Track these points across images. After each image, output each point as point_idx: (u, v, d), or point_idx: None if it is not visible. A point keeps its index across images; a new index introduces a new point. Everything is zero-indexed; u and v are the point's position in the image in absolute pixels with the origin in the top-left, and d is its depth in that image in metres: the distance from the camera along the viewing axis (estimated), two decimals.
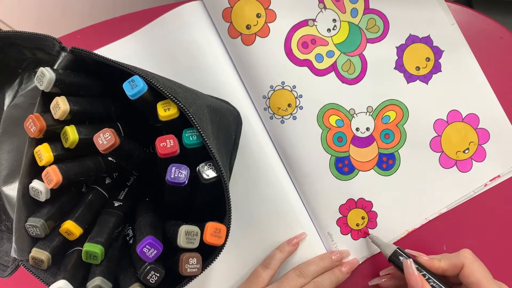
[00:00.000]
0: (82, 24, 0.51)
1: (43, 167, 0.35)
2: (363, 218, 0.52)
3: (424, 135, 0.52)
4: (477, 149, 0.52)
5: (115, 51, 0.53)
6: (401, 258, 0.46)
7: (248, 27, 0.51)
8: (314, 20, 0.51)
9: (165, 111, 0.35)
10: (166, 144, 0.34)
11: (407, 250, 0.47)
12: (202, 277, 0.52)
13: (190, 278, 0.36)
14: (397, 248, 0.47)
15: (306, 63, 0.52)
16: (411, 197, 0.52)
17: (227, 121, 0.47)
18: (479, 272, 0.43)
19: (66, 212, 0.37)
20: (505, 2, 0.59)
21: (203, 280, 0.52)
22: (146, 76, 0.34)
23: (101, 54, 0.35)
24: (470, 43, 0.52)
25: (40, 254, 0.35)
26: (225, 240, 0.36)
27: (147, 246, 0.33)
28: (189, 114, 0.34)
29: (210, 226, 0.35)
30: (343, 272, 0.50)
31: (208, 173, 0.36)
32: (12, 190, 0.39)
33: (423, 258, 0.45)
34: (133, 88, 0.34)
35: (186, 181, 0.34)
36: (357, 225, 0.52)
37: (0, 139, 0.39)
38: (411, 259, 0.45)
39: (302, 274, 0.48)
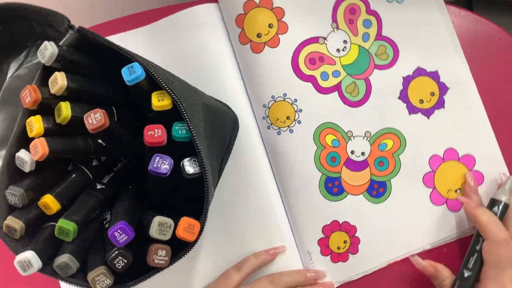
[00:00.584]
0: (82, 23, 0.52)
1: (33, 139, 0.36)
2: (345, 242, 0.51)
3: (419, 169, 0.52)
4: None
5: (125, 40, 0.53)
6: None
7: (258, 35, 0.52)
8: (325, 38, 0.52)
9: (159, 101, 0.35)
10: (154, 133, 0.35)
11: None
12: (175, 274, 0.51)
13: (157, 269, 0.36)
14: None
15: (311, 79, 0.52)
16: (397, 229, 0.51)
17: (223, 123, 0.47)
18: None
19: (48, 186, 0.38)
20: (507, 3, 0.59)
21: (176, 276, 0.51)
22: (145, 64, 0.35)
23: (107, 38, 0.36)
24: (469, 45, 0.52)
25: (14, 222, 0.35)
26: (198, 237, 0.36)
27: (118, 231, 0.33)
28: (182, 108, 0.35)
29: (184, 221, 0.35)
30: None
31: (191, 168, 0.36)
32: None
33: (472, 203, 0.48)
34: (131, 74, 0.35)
35: (168, 173, 0.35)
36: (338, 248, 0.51)
37: None
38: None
39: (274, 282, 0.48)
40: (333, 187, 0.51)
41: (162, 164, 0.34)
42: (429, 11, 0.52)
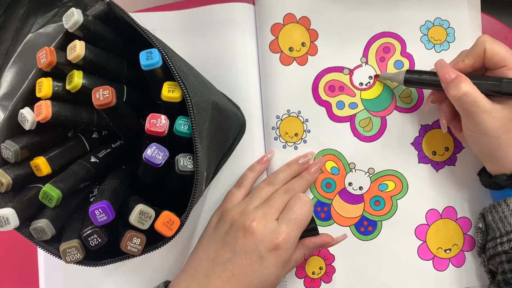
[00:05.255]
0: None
1: (39, 99, 0.36)
2: (320, 268, 0.51)
3: (414, 218, 0.51)
4: (458, 253, 0.51)
5: (156, 20, 0.53)
6: (417, 75, 0.47)
7: (290, 49, 0.52)
8: (351, 70, 0.51)
9: (169, 92, 0.35)
10: (156, 122, 0.35)
11: None
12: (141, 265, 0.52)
13: (128, 256, 0.36)
14: (407, 70, 0.48)
15: (326, 105, 0.51)
16: (375, 272, 0.51)
17: (229, 125, 0.47)
18: (501, 49, 0.43)
19: (44, 148, 0.38)
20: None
21: (167, 263, 0.52)
22: (164, 53, 0.35)
23: (134, 18, 0.36)
24: None
25: (2, 176, 0.36)
26: (175, 234, 0.36)
27: (99, 209, 0.34)
28: (189, 104, 0.34)
29: (165, 215, 0.35)
30: (311, 173, 0.50)
31: (185, 165, 0.36)
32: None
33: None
34: (148, 59, 0.35)
35: (161, 164, 0.34)
36: (313, 273, 0.51)
37: (16, 58, 0.40)
38: (442, 59, 0.45)
39: (271, 183, 0.48)
40: (321, 212, 0.51)
41: (157, 155, 0.34)
42: None
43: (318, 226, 0.47)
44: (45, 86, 0.36)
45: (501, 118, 0.42)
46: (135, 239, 0.35)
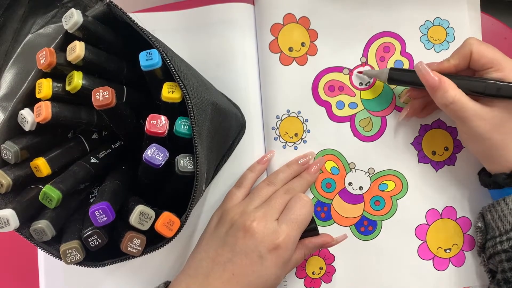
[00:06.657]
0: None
1: (39, 100, 0.36)
2: (321, 268, 0.51)
3: (414, 218, 0.51)
4: (458, 253, 0.51)
5: (155, 20, 0.53)
6: (401, 74, 0.47)
7: (290, 49, 0.52)
8: (350, 70, 0.51)
9: (169, 93, 0.35)
10: (156, 123, 0.35)
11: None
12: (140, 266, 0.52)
13: (129, 256, 0.36)
14: (391, 68, 0.47)
15: (326, 105, 0.51)
16: (375, 271, 0.51)
17: (229, 125, 0.47)
18: (488, 51, 0.42)
19: (44, 149, 0.38)
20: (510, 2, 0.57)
21: (166, 263, 0.52)
22: (165, 53, 0.35)
23: (134, 19, 0.36)
24: None
25: (2, 177, 0.36)
26: (175, 235, 0.36)
27: (100, 210, 0.34)
28: (189, 105, 0.34)
29: (165, 216, 0.35)
30: (311, 173, 0.50)
31: (185, 166, 0.36)
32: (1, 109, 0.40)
33: (433, 65, 0.45)
34: (148, 60, 0.35)
35: (161, 165, 0.34)
36: (313, 273, 0.51)
37: (16, 58, 0.40)
38: (421, 61, 0.44)
39: (272, 183, 0.48)
40: (321, 212, 0.51)
41: (157, 155, 0.34)
42: None
43: (318, 226, 0.47)
44: (45, 87, 0.36)
45: (492, 120, 0.42)
46: (135, 240, 0.35)
